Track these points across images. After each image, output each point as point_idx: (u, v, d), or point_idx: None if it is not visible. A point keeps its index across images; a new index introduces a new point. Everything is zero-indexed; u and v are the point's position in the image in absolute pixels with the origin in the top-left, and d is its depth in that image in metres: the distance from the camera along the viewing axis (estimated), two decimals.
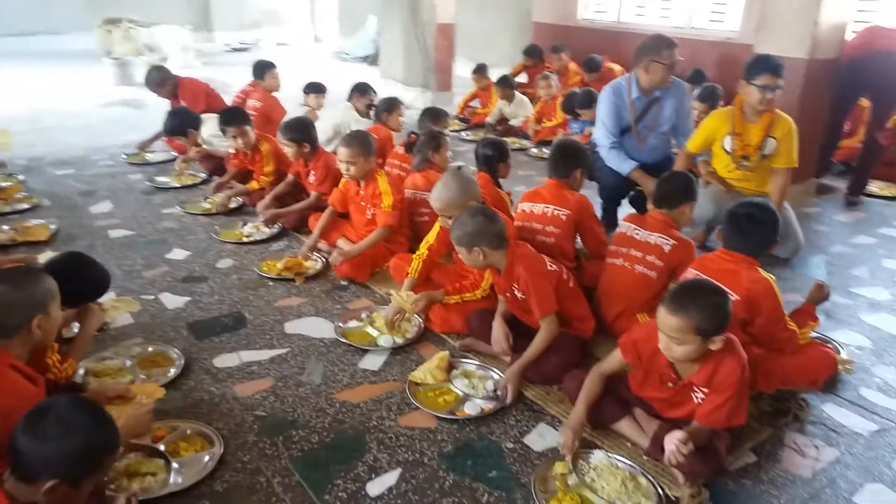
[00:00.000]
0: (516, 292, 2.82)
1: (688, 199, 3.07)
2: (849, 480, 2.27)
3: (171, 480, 2.17)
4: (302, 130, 4.29)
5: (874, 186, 5.35)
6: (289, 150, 4.30)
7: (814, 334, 2.95)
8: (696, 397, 2.26)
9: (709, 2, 7.68)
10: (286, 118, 5.40)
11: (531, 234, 3.27)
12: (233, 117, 4.63)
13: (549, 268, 2.83)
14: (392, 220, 3.66)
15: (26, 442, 1.56)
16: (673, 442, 2.11)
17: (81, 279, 2.49)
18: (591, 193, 3.67)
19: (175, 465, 2.21)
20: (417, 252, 3.35)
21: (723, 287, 2.25)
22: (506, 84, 7.12)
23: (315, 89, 6.15)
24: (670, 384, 2.31)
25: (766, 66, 3.72)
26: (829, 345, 2.98)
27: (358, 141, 3.68)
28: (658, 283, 2.98)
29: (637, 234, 3.06)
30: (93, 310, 2.56)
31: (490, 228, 2.73)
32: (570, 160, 3.41)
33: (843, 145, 5.90)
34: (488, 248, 2.74)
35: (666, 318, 2.11)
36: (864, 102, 5.92)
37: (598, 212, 4.00)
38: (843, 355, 2.93)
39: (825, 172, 5.50)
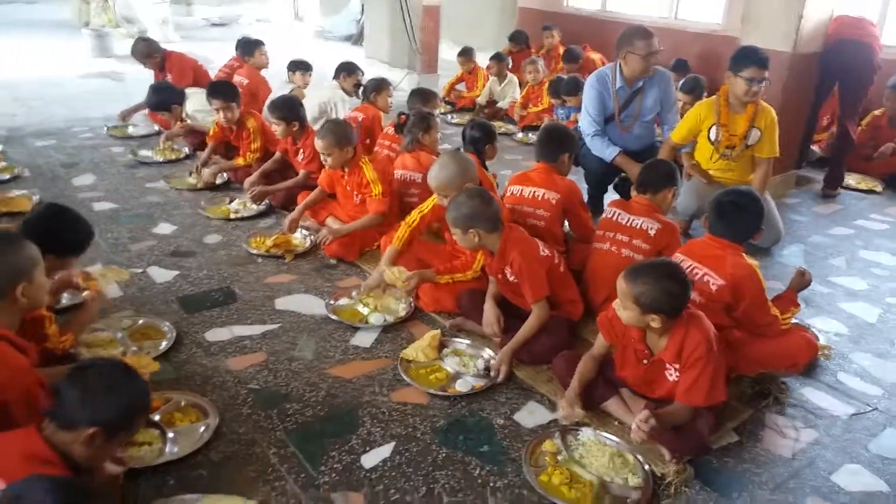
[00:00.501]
0: (508, 275, 2.85)
1: (670, 184, 3.15)
2: (827, 461, 2.36)
3: (167, 450, 2.18)
4: (291, 109, 4.26)
5: (851, 179, 5.48)
6: (277, 128, 4.27)
7: (794, 320, 3.05)
8: (670, 375, 2.33)
9: None
10: (272, 96, 5.38)
11: (521, 216, 3.30)
12: (220, 91, 4.57)
13: (542, 252, 2.87)
14: (383, 207, 3.67)
15: (72, 390, 1.65)
16: (636, 420, 2.18)
17: (63, 226, 2.49)
18: (577, 179, 3.72)
19: (170, 435, 2.23)
20: (407, 219, 3.36)
21: (686, 277, 2.27)
22: (500, 59, 7.12)
23: (301, 67, 6.09)
24: (644, 361, 2.37)
25: (753, 58, 3.78)
26: (809, 331, 3.07)
27: (331, 133, 3.63)
28: None
29: (622, 218, 3.13)
30: (100, 293, 2.56)
31: (486, 211, 2.76)
32: (558, 144, 3.46)
33: (824, 138, 6.02)
34: (483, 230, 2.76)
35: (619, 280, 2.26)
36: None
37: (585, 197, 4.05)
38: (822, 342, 3.01)
39: (803, 162, 5.60)
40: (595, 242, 3.21)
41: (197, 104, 5.19)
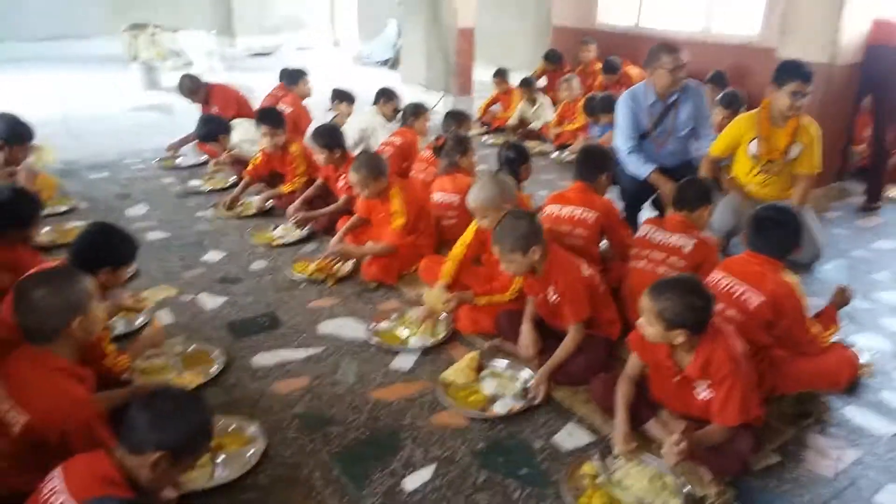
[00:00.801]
0: (550, 295, 2.89)
1: (706, 202, 3.16)
2: (870, 480, 2.34)
3: (217, 473, 2.28)
4: (333, 137, 4.41)
5: (892, 191, 5.38)
6: (320, 156, 4.42)
7: (835, 338, 3.02)
8: (699, 393, 2.35)
9: (728, 6, 7.70)
10: (313, 125, 5.55)
11: (559, 236, 3.34)
12: (269, 117, 4.81)
13: (584, 272, 2.91)
14: (398, 239, 3.75)
15: (142, 416, 1.74)
16: (668, 442, 2.21)
17: (111, 239, 2.64)
18: (612, 197, 3.74)
19: (221, 458, 2.33)
20: (453, 253, 3.43)
21: (709, 291, 2.31)
22: (529, 85, 7.20)
23: (346, 98, 6.23)
24: (675, 378, 2.38)
25: (797, 72, 3.75)
26: (850, 349, 3.03)
27: (363, 167, 3.71)
28: None
29: (658, 236, 3.16)
30: (157, 328, 2.72)
31: (538, 229, 2.81)
32: (597, 164, 3.51)
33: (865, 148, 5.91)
34: (540, 248, 2.79)
35: (643, 298, 2.29)
36: None
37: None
38: (864, 359, 2.97)
39: (844, 174, 5.51)
40: (631, 261, 3.24)
41: (242, 134, 5.39)
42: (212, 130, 5.36)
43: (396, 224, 3.74)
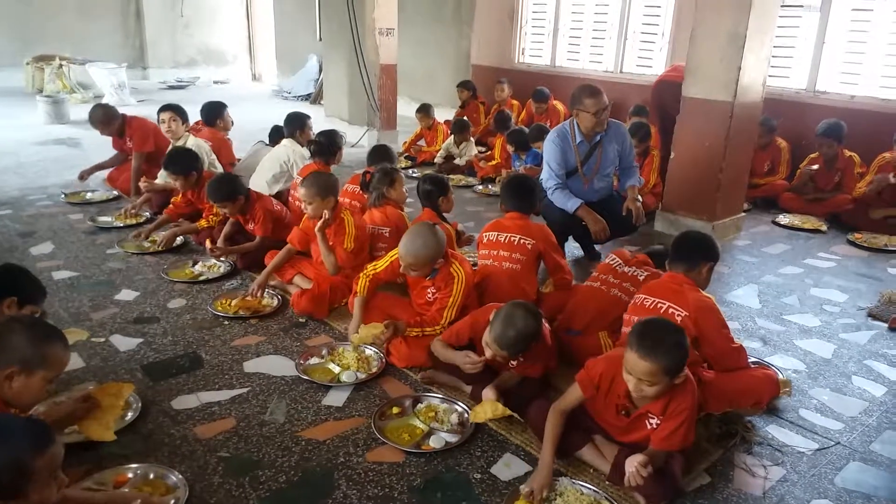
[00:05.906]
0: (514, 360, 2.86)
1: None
2: (796, 497, 2.41)
3: None
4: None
5: (797, 220, 5.73)
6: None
7: (754, 359, 3.16)
8: (650, 423, 2.37)
9: (635, 48, 8.13)
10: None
11: (498, 261, 3.47)
12: (173, 162, 4.61)
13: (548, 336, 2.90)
14: (347, 264, 3.69)
15: None
16: (633, 465, 2.21)
17: (29, 278, 2.69)
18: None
19: None
20: (363, 272, 3.40)
21: (673, 312, 2.43)
22: (462, 128, 7.34)
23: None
24: (624, 413, 2.42)
25: None
26: (770, 368, 3.16)
27: (314, 184, 3.68)
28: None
29: (621, 268, 3.31)
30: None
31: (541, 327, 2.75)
32: (529, 195, 3.73)
33: (764, 182, 6.32)
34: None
35: (638, 363, 2.19)
36: (782, 143, 6.38)
37: None
38: (782, 379, 3.10)
39: (749, 205, 5.91)
40: (587, 281, 3.44)
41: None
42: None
43: (346, 246, 3.67)
